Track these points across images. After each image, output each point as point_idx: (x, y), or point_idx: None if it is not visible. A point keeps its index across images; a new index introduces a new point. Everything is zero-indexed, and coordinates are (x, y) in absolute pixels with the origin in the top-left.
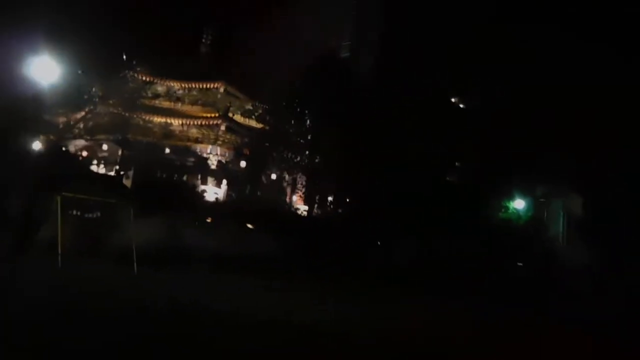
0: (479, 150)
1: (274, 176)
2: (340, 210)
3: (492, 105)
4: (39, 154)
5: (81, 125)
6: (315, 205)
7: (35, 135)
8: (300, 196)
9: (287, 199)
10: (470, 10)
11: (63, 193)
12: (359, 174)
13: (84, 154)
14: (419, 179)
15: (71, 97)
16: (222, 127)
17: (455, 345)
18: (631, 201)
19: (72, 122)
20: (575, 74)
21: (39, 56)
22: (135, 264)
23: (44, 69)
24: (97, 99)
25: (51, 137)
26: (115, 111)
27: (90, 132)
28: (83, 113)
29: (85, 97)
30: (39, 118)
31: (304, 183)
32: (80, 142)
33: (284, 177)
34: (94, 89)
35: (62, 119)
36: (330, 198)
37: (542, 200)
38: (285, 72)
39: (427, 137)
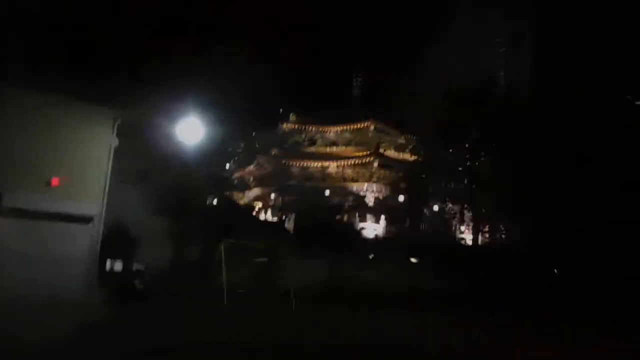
0: None
1: (435, 207)
2: (510, 237)
3: None
4: (214, 208)
5: (250, 178)
6: (482, 234)
7: (212, 191)
8: (467, 226)
9: (453, 230)
10: None
11: (228, 240)
12: (530, 195)
13: (256, 203)
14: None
15: (236, 153)
16: (375, 164)
17: None
18: None
19: (242, 176)
20: None
21: (201, 118)
22: (300, 304)
23: (207, 131)
24: (258, 153)
25: (226, 191)
26: (276, 161)
27: (257, 183)
28: (250, 167)
29: (247, 151)
30: (215, 175)
31: (467, 212)
32: (252, 192)
33: (447, 208)
34: (255, 143)
35: (236, 174)
36: (499, 225)
37: None
38: (435, 102)
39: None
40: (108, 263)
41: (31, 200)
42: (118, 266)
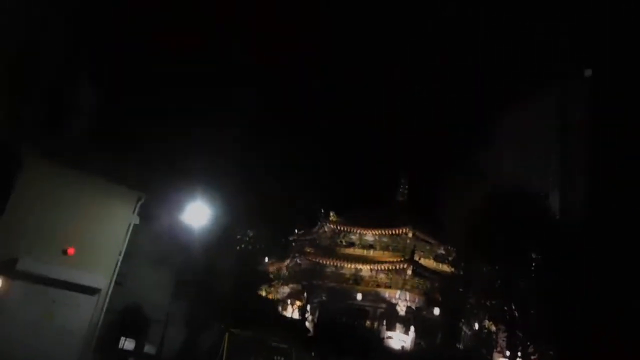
0: None
1: (472, 325)
2: None
3: None
4: (232, 298)
5: (285, 273)
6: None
7: (236, 281)
8: (505, 349)
9: (490, 351)
10: None
11: (234, 331)
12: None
13: (287, 299)
14: None
15: (277, 247)
16: (409, 272)
17: None
18: None
19: (278, 271)
20: None
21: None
22: None
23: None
24: (294, 249)
25: (258, 284)
26: (311, 259)
27: (290, 279)
28: (287, 262)
29: (288, 246)
30: (242, 268)
31: (506, 333)
32: (286, 289)
33: (485, 327)
34: (292, 240)
35: (272, 268)
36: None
37: None
38: (481, 214)
39: None
40: (110, 337)
41: (44, 266)
42: (119, 342)
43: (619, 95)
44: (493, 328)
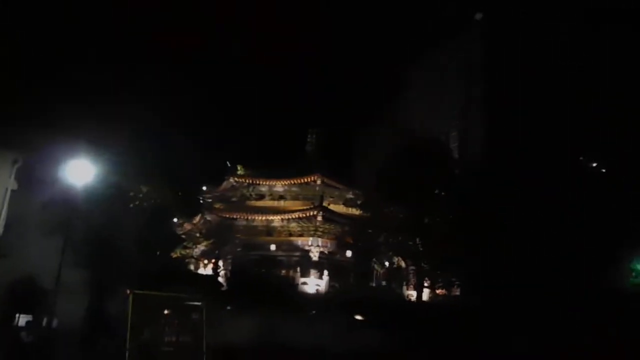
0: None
1: (383, 263)
2: (452, 294)
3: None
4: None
5: (195, 231)
6: (424, 291)
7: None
8: (415, 282)
9: (405, 288)
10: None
11: (136, 291)
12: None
13: (201, 257)
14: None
15: (182, 205)
16: (319, 218)
17: None
18: None
19: (188, 230)
20: None
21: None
22: None
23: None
24: (203, 207)
25: (168, 245)
26: (221, 215)
27: (202, 237)
28: (196, 220)
29: (196, 203)
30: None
31: (416, 268)
32: (200, 247)
33: (397, 265)
34: (200, 197)
35: (181, 228)
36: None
37: None
38: (388, 158)
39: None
40: (2, 315)
41: None
42: (14, 319)
43: (513, 36)
44: (402, 264)
